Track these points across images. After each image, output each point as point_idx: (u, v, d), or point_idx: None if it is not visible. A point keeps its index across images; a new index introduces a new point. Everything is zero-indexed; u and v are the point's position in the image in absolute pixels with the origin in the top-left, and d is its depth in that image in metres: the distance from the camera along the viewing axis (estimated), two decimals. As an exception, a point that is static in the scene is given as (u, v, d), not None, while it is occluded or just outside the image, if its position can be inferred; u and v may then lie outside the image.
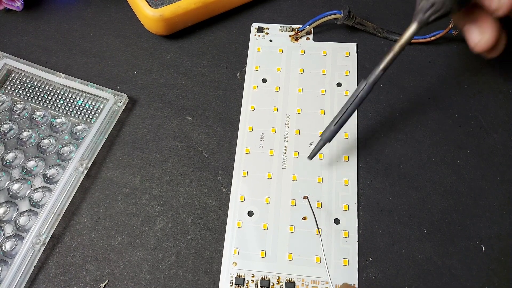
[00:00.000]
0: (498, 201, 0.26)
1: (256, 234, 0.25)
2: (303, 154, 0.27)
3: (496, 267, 0.24)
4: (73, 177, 0.27)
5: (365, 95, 0.22)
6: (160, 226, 0.26)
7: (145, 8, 0.30)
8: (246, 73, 0.31)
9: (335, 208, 0.26)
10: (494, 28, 0.22)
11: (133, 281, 0.25)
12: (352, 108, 0.23)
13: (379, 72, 0.22)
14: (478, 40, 0.23)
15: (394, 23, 0.32)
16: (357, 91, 0.23)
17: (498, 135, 0.27)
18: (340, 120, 0.23)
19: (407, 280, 0.24)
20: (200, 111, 0.30)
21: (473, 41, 0.23)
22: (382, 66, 0.22)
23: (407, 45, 0.21)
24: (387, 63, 0.22)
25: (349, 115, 0.23)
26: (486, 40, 0.23)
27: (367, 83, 0.22)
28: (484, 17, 0.23)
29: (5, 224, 0.26)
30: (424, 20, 0.21)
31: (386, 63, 0.22)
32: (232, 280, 0.24)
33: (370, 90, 0.22)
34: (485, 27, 0.23)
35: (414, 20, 0.21)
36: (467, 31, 0.23)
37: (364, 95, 0.22)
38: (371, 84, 0.22)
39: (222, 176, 0.27)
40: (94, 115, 0.29)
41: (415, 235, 0.25)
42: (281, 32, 0.32)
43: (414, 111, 0.29)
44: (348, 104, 0.23)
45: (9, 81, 0.30)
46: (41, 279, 0.25)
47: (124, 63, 0.32)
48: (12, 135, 0.29)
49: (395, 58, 0.22)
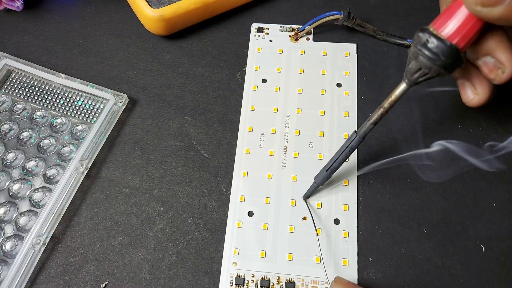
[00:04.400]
0: (498, 201, 0.26)
1: (256, 234, 0.25)
2: (303, 154, 0.27)
3: (495, 267, 0.24)
4: (73, 177, 0.27)
5: (355, 146, 0.23)
6: (160, 226, 0.26)
7: (145, 8, 0.30)
8: (246, 73, 0.31)
9: (335, 208, 0.26)
10: (488, 90, 0.22)
11: (133, 281, 0.25)
12: (343, 157, 0.24)
13: (369, 126, 0.22)
14: (471, 99, 0.23)
15: (394, 23, 0.32)
16: (348, 141, 0.23)
17: (498, 135, 0.28)
18: (332, 167, 0.24)
19: (407, 280, 0.24)
20: (200, 111, 0.30)
21: (466, 98, 0.23)
22: (372, 121, 0.22)
23: (396, 102, 0.22)
24: (377, 118, 0.22)
25: (340, 163, 0.24)
26: (478, 100, 0.22)
27: (358, 135, 0.23)
28: (479, 77, 0.22)
29: (5, 224, 0.26)
30: (413, 81, 0.21)
31: (376, 118, 0.22)
32: (232, 280, 0.24)
33: (360, 142, 0.23)
34: (479, 88, 0.22)
35: (403, 80, 0.21)
36: (460, 86, 0.23)
37: (354, 146, 0.23)
38: (362, 136, 0.23)
39: (222, 177, 0.27)
40: (94, 115, 0.29)
41: (415, 235, 0.25)
42: (281, 32, 0.32)
43: (414, 111, 0.29)
44: (339, 153, 0.24)
45: (9, 81, 0.30)
46: (42, 279, 0.25)
47: (124, 63, 0.32)
48: (12, 135, 0.29)
49: (385, 113, 0.22)
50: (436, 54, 0.19)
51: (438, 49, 0.19)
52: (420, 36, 0.20)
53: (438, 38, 0.19)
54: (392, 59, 0.31)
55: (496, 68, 0.20)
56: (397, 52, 0.31)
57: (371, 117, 0.22)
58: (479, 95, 0.22)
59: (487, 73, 0.21)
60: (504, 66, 0.20)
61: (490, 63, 0.21)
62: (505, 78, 0.20)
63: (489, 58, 0.21)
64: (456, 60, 0.19)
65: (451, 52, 0.19)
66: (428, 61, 0.20)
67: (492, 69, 0.21)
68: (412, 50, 0.20)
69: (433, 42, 0.19)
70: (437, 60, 0.19)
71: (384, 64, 0.30)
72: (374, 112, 0.22)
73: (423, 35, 0.20)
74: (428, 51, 0.19)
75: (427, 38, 0.19)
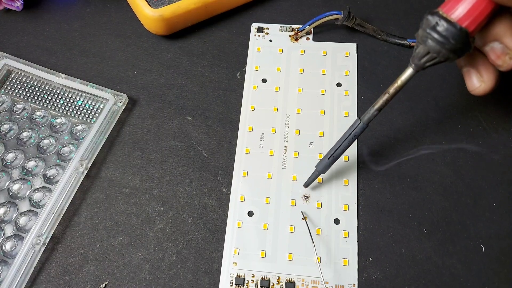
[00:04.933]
0: (498, 201, 0.26)
1: (256, 234, 0.25)
2: (303, 154, 0.27)
3: (496, 267, 0.24)
4: (73, 177, 0.27)
5: (359, 133, 0.23)
6: (160, 226, 0.26)
7: (145, 8, 0.30)
8: (246, 73, 0.31)
9: (335, 208, 0.26)
10: (494, 77, 0.22)
11: (133, 281, 0.25)
12: (346, 144, 0.23)
13: (374, 112, 0.22)
14: (477, 87, 0.22)
15: (394, 23, 0.32)
16: (351, 128, 0.23)
17: (498, 135, 0.28)
18: (334, 154, 0.23)
19: (407, 280, 0.24)
20: (200, 111, 0.30)
21: (472, 86, 0.23)
22: (377, 107, 0.22)
23: (402, 88, 0.21)
24: (382, 104, 0.22)
25: (342, 150, 0.23)
26: (484, 88, 0.22)
27: (362, 122, 0.22)
28: (485, 64, 0.22)
29: (5, 224, 0.26)
30: (420, 65, 0.20)
31: (381, 104, 0.22)
32: (232, 280, 0.24)
33: (364, 128, 0.22)
34: (485, 75, 0.22)
35: (410, 64, 0.21)
36: (466, 74, 0.23)
37: (358, 132, 0.23)
38: (366, 123, 0.22)
39: (222, 176, 0.27)
40: (94, 115, 0.29)
41: (415, 235, 0.25)
42: (281, 32, 0.32)
43: (414, 111, 0.29)
44: (342, 140, 0.23)
45: (9, 81, 0.30)
46: (42, 280, 0.25)
47: (124, 63, 0.32)
48: (12, 136, 0.29)
49: (390, 99, 0.22)
50: (446, 38, 0.19)
51: (448, 32, 0.19)
52: (429, 19, 0.19)
53: (448, 21, 0.19)
54: (392, 59, 0.31)
55: (504, 53, 0.20)
56: (397, 52, 0.31)
57: (376, 103, 0.22)
58: (485, 83, 0.22)
59: (494, 59, 0.21)
60: None
61: (498, 49, 0.20)
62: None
63: (496, 44, 0.20)
64: (466, 44, 0.19)
65: (461, 35, 0.19)
66: (437, 45, 0.19)
67: (499, 55, 0.20)
68: (420, 33, 0.20)
69: (443, 25, 0.19)
70: (447, 43, 0.19)
71: (384, 64, 0.30)
72: (379, 98, 0.22)
73: (433, 18, 0.19)
74: (438, 34, 0.19)
75: (436, 21, 0.19)
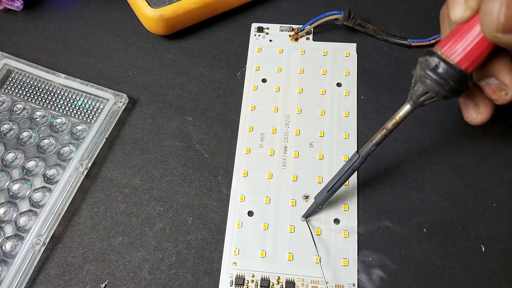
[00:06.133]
0: (498, 201, 0.26)
1: (256, 234, 0.25)
2: (303, 154, 0.27)
3: (495, 267, 0.24)
4: (73, 177, 0.27)
5: (357, 166, 0.23)
6: (160, 226, 0.26)
7: (145, 8, 0.30)
8: (246, 73, 0.31)
9: (335, 208, 0.26)
10: (490, 109, 0.22)
11: (133, 281, 0.25)
12: (344, 177, 0.23)
13: (372, 147, 0.22)
14: (474, 118, 0.23)
15: (394, 23, 0.32)
16: (350, 162, 0.23)
17: (498, 135, 0.28)
18: (333, 188, 0.24)
19: (407, 280, 0.24)
20: (200, 111, 0.30)
21: (469, 117, 0.23)
22: (375, 142, 0.22)
23: (400, 123, 0.21)
24: (380, 139, 0.22)
25: (341, 184, 0.24)
26: (481, 119, 0.23)
27: (360, 156, 0.23)
28: (482, 97, 0.22)
29: (5, 224, 0.26)
30: (418, 103, 0.21)
31: (379, 139, 0.22)
32: (232, 280, 0.24)
33: (362, 162, 0.23)
34: (481, 107, 0.22)
35: (408, 101, 0.21)
36: (463, 105, 0.23)
37: (357, 166, 0.23)
38: (364, 157, 0.22)
39: (222, 176, 0.27)
40: (94, 115, 0.29)
41: (415, 235, 0.25)
42: (281, 32, 0.32)
43: (414, 111, 0.28)
44: (341, 173, 0.23)
45: (9, 81, 0.30)
46: (41, 280, 0.25)
47: (124, 63, 0.32)
48: (12, 135, 0.29)
49: (388, 134, 0.22)
50: (445, 80, 0.19)
51: (447, 74, 0.19)
52: (429, 61, 0.19)
53: (448, 63, 0.19)
54: (392, 59, 0.31)
55: (500, 89, 0.21)
56: (397, 52, 0.31)
57: (374, 138, 0.22)
58: (482, 114, 0.22)
59: (490, 94, 0.21)
60: (508, 88, 0.20)
61: (494, 84, 0.21)
62: (508, 100, 0.21)
63: (492, 80, 0.21)
64: (464, 85, 0.19)
65: (460, 77, 0.19)
66: (436, 86, 0.19)
67: (495, 90, 0.21)
68: (418, 73, 0.20)
69: (443, 68, 0.19)
70: (446, 85, 0.19)
71: (384, 64, 0.30)
72: (377, 133, 0.22)
73: (432, 59, 0.19)
74: (437, 76, 0.19)
75: (436, 64, 0.19)
